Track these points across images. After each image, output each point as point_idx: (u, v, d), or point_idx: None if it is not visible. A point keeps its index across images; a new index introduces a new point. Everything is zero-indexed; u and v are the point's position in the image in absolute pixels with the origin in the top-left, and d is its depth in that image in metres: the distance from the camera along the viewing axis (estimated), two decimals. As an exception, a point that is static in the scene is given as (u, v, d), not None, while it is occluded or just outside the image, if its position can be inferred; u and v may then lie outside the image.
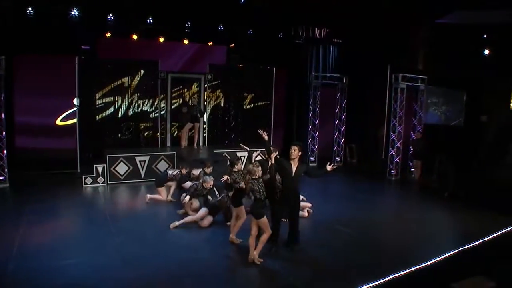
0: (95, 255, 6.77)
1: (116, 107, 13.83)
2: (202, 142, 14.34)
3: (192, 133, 13.67)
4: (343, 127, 16.47)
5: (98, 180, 11.69)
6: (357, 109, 16.43)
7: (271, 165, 7.09)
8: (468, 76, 14.15)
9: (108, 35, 13.38)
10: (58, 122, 13.32)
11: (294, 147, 7.09)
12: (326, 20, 15.49)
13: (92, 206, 9.90)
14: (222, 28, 14.29)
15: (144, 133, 14.30)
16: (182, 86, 14.85)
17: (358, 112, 16.47)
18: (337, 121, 16.49)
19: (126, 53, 13.88)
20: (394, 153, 14.08)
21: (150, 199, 10.02)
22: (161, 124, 14.18)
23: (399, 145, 14.08)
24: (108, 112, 13.79)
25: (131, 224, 8.60)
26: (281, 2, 13.17)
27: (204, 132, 14.48)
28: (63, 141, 13.07)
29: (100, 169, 11.71)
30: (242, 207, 7.30)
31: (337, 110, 16.44)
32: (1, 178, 11.08)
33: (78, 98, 12.77)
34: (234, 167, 7.81)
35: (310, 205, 9.31)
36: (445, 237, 8.61)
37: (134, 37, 13.66)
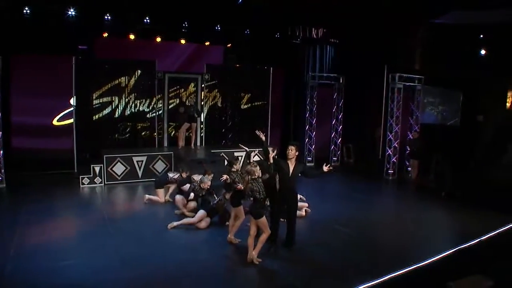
0: (93, 256, 6.74)
1: (113, 107, 13.82)
2: (199, 142, 14.33)
3: (189, 133, 13.66)
4: (340, 127, 16.49)
5: (95, 181, 11.67)
6: (354, 109, 16.46)
7: (270, 165, 7.09)
8: (465, 76, 14.20)
9: (105, 35, 13.36)
10: (55, 122, 13.29)
11: (292, 147, 7.10)
12: (323, 20, 15.49)
13: (90, 207, 9.87)
14: (219, 28, 14.27)
15: (141, 133, 14.28)
16: (179, 86, 14.86)
17: (355, 112, 16.50)
18: (334, 121, 16.51)
19: (123, 53, 13.88)
20: (391, 153, 14.12)
21: (148, 200, 10.01)
22: (158, 124, 14.17)
23: (396, 145, 14.12)
24: (105, 112, 13.78)
25: (129, 225, 8.59)
26: (278, 2, 13.17)
27: (201, 132, 14.47)
28: (60, 141, 13.07)
29: (97, 169, 11.69)
30: (241, 207, 7.29)
31: (334, 110, 16.45)
32: (-2, 179, 11.05)
33: (75, 98, 12.74)
34: (233, 167, 7.81)
35: (307, 205, 9.34)
36: (442, 237, 8.63)
37: (131, 37, 13.64)
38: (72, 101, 12.78)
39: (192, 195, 8.89)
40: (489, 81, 14.35)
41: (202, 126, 14.56)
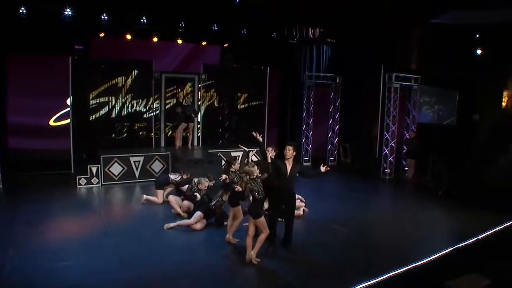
0: (92, 257, 6.73)
1: (110, 107, 13.75)
2: (196, 142, 14.31)
3: (186, 133, 13.64)
4: (337, 127, 16.53)
5: (92, 181, 11.63)
6: (351, 109, 16.50)
7: (268, 164, 7.09)
8: (461, 76, 14.25)
9: (102, 35, 13.31)
10: (52, 123, 13.25)
11: (289, 147, 7.10)
12: (320, 20, 15.52)
13: (87, 207, 9.85)
14: (216, 28, 14.26)
15: (138, 134, 14.25)
16: (176, 86, 14.81)
17: (352, 112, 16.54)
18: (331, 121, 16.54)
19: (120, 53, 13.83)
20: (388, 152, 14.17)
21: (146, 200, 9.99)
22: (155, 124, 14.12)
23: (393, 144, 14.17)
24: (102, 112, 13.70)
25: (127, 225, 8.60)
26: (275, 2, 13.17)
27: (198, 132, 14.45)
28: (57, 142, 13.00)
29: (94, 170, 11.64)
30: (239, 207, 7.30)
31: (331, 110, 16.49)
32: (-6, 179, 11.01)
33: (72, 98, 12.70)
34: (232, 167, 7.81)
35: (304, 205, 9.35)
36: (440, 236, 8.68)
37: (128, 37, 13.60)
38: (69, 101, 12.73)
39: (198, 196, 8.80)
40: (485, 81, 14.40)
41: (199, 126, 14.55)
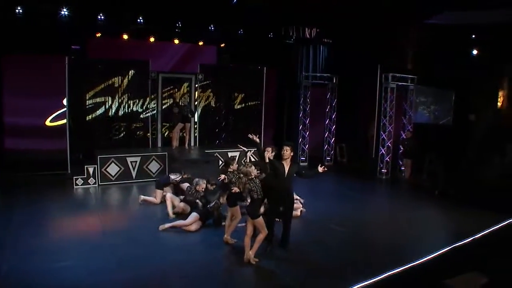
0: (89, 257, 6.71)
1: (107, 107, 13.73)
2: (193, 142, 14.29)
3: (183, 133, 13.62)
4: (334, 127, 16.54)
5: (89, 181, 11.58)
6: (348, 109, 16.53)
7: (266, 164, 7.09)
8: (457, 76, 14.32)
9: (98, 35, 13.30)
10: (48, 123, 13.21)
11: (287, 147, 7.08)
12: (316, 20, 15.55)
13: (84, 207, 9.82)
14: (213, 28, 14.27)
15: (135, 134, 14.22)
16: (173, 86, 14.80)
17: (349, 112, 16.56)
18: (328, 121, 16.56)
19: (117, 53, 13.83)
20: (385, 152, 14.20)
21: (143, 200, 9.97)
22: (152, 125, 14.09)
23: (389, 144, 14.20)
24: (99, 113, 13.68)
25: (124, 226, 8.57)
26: (272, 2, 13.19)
27: (195, 132, 14.42)
28: (53, 142, 12.97)
29: (91, 170, 11.60)
30: (237, 207, 7.28)
31: (328, 110, 16.50)
32: (-10, 180, 10.98)
33: (68, 98, 12.65)
34: (230, 167, 7.80)
35: (301, 205, 9.36)
36: (437, 235, 8.70)
37: (125, 37, 13.60)
38: (65, 101, 12.68)
39: (200, 204, 8.72)
40: (481, 81, 14.47)
41: (196, 126, 14.51)
